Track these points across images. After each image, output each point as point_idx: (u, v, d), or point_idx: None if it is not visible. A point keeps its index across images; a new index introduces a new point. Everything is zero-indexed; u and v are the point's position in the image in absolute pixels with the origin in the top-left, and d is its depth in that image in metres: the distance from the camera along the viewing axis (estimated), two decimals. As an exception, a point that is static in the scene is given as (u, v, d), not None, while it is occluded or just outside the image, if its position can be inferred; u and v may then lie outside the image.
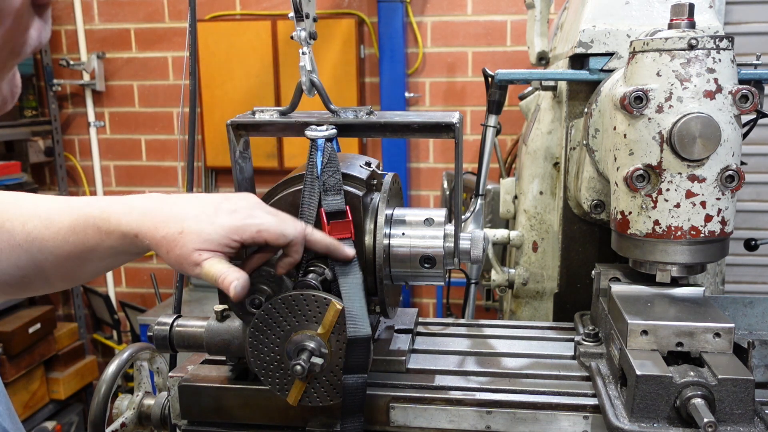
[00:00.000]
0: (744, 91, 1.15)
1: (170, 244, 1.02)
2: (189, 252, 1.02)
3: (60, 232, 1.03)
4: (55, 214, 1.04)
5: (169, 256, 1.03)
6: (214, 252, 1.03)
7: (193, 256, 1.02)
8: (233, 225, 1.03)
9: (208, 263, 1.02)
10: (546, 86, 1.85)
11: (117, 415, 1.28)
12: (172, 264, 1.04)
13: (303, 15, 1.16)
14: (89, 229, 1.04)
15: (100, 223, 1.04)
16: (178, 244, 1.02)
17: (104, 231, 1.03)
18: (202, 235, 1.02)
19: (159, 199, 1.07)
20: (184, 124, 4.33)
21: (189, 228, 1.02)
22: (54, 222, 1.04)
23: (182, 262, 1.02)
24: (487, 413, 1.17)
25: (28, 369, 4.04)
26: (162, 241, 1.02)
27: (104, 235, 1.03)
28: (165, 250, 1.03)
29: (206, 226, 1.02)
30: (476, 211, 1.87)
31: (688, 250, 1.21)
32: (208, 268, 1.02)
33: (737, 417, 1.03)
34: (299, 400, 1.10)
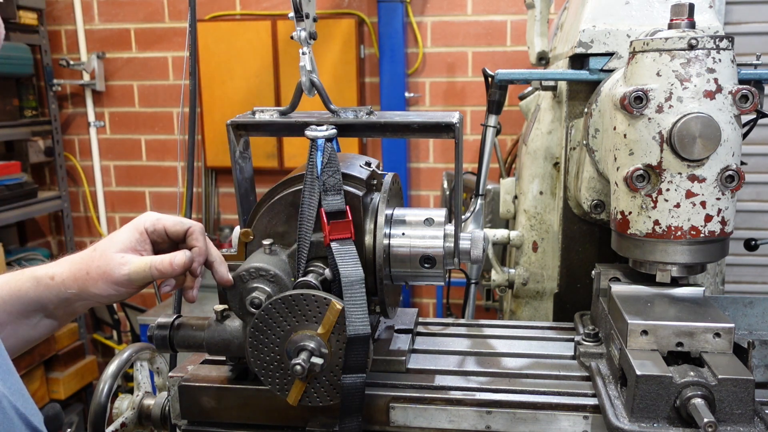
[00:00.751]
0: (744, 91, 1.15)
1: (87, 263, 1.06)
2: (110, 258, 1.06)
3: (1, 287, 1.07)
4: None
5: (90, 276, 1.05)
6: (135, 251, 1.09)
7: (116, 258, 1.06)
8: (135, 222, 1.11)
9: (136, 258, 1.07)
10: (546, 86, 1.85)
11: (117, 415, 1.28)
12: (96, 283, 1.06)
13: (303, 15, 1.16)
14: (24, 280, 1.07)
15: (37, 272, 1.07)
16: (94, 257, 1.06)
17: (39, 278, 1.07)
18: (113, 240, 1.08)
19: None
20: (184, 124, 4.33)
21: (100, 244, 1.09)
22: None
23: (107, 271, 1.05)
24: (487, 413, 1.17)
25: (28, 369, 4.04)
26: (79, 265, 1.06)
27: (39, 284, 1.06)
28: (85, 272, 1.05)
29: (115, 236, 1.09)
30: (476, 211, 1.87)
31: (688, 250, 1.21)
32: (137, 260, 1.07)
33: (737, 417, 1.03)
34: (299, 400, 1.10)
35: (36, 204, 4.28)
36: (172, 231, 1.12)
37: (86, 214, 4.78)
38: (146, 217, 1.12)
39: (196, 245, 1.13)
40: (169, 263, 1.07)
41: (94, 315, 4.88)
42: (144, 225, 1.10)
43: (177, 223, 1.12)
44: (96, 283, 1.06)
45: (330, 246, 1.12)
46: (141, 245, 1.10)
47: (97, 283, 1.05)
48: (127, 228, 1.11)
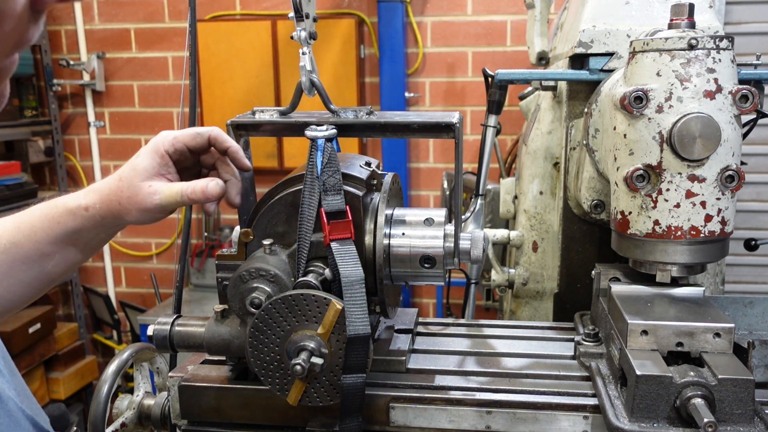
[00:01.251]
0: (744, 91, 1.15)
1: (117, 194, 1.07)
2: (137, 188, 1.07)
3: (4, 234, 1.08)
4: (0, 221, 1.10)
5: (122, 206, 1.07)
6: (161, 176, 1.09)
7: (144, 188, 1.07)
8: (151, 145, 1.10)
9: (165, 186, 1.08)
10: (546, 86, 1.85)
11: (117, 415, 1.28)
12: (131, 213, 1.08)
13: (303, 15, 1.16)
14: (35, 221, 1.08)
15: (47, 210, 1.08)
16: (122, 188, 1.07)
17: (52, 216, 1.08)
18: (137, 169, 1.08)
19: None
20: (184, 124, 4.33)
21: (123, 172, 1.09)
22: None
23: (138, 201, 1.07)
24: (487, 413, 1.17)
25: (28, 369, 4.04)
26: (109, 196, 1.08)
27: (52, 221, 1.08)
28: (117, 202, 1.07)
29: (136, 162, 1.09)
30: (476, 211, 1.87)
31: (688, 250, 1.21)
32: (167, 189, 1.08)
33: (737, 417, 1.03)
34: (299, 400, 1.10)
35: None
36: (192, 145, 1.12)
37: (86, 214, 4.78)
38: (162, 138, 1.10)
39: (229, 146, 1.13)
40: (201, 192, 1.09)
41: (94, 315, 4.88)
42: (163, 147, 1.09)
43: (195, 136, 1.11)
44: (129, 212, 1.08)
45: (330, 246, 1.12)
46: (164, 169, 1.09)
47: (131, 212, 1.08)
48: (147, 153, 1.09)
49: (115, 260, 4.84)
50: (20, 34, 0.63)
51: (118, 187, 1.07)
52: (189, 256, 4.50)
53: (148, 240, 4.76)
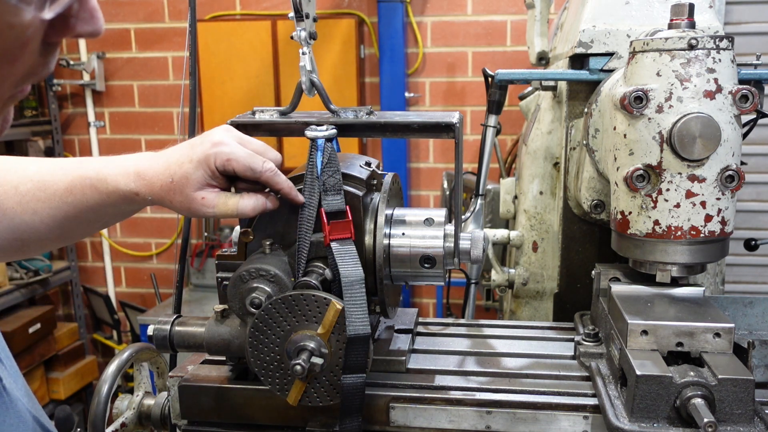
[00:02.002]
0: (744, 91, 1.15)
1: (169, 194, 1.08)
2: (190, 197, 1.08)
3: (56, 195, 1.07)
4: (48, 176, 1.08)
5: (174, 205, 1.09)
6: (210, 187, 1.09)
7: (197, 199, 1.08)
8: (204, 154, 1.08)
9: (220, 201, 1.09)
10: (546, 86, 1.85)
11: (117, 415, 1.28)
12: (182, 211, 1.10)
13: (303, 15, 1.16)
14: (87, 190, 1.08)
15: (99, 184, 1.08)
16: (175, 191, 1.08)
17: (104, 192, 1.08)
18: (190, 179, 1.08)
19: (150, 156, 1.12)
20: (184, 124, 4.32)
21: (175, 175, 1.08)
22: (48, 185, 1.07)
23: (191, 208, 1.09)
24: (487, 413, 1.17)
25: (28, 369, 4.04)
26: (161, 192, 1.08)
27: (104, 196, 1.08)
28: (168, 201, 1.09)
29: (189, 170, 1.08)
30: (476, 211, 1.87)
31: (688, 250, 1.21)
32: (222, 205, 1.10)
33: (737, 417, 1.03)
34: (299, 400, 1.09)
35: (36, 204, 4.27)
36: (242, 176, 1.11)
37: (86, 214, 4.78)
38: (216, 153, 1.08)
39: (281, 187, 1.13)
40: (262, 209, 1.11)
41: (94, 315, 4.88)
42: (215, 163, 1.08)
43: (247, 169, 1.09)
44: (182, 211, 1.10)
45: (330, 246, 1.12)
46: (215, 180, 1.10)
47: (183, 212, 1.10)
48: (199, 163, 1.08)
49: (115, 260, 4.84)
50: (31, 66, 0.62)
51: (170, 188, 1.08)
52: (189, 256, 4.50)
53: (148, 240, 4.76)
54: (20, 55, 0.60)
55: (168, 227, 4.67)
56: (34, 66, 0.63)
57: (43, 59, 0.64)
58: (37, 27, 0.59)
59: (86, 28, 0.64)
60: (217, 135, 1.11)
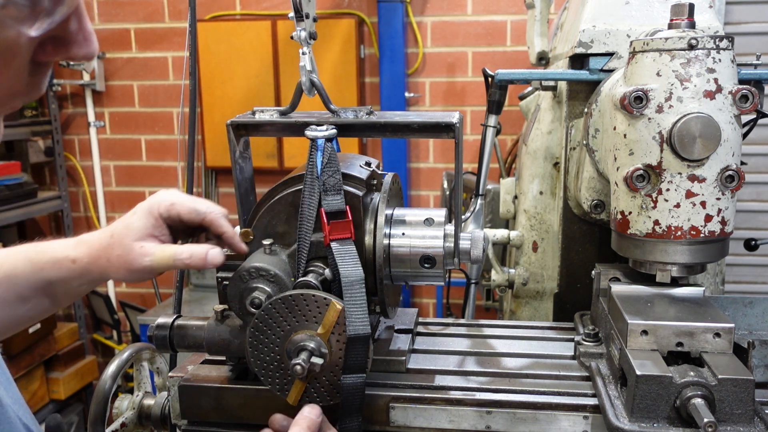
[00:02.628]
0: (744, 91, 1.15)
1: (107, 251, 1.05)
2: (129, 247, 1.05)
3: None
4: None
5: (111, 264, 1.05)
6: (153, 237, 1.07)
7: (136, 248, 1.05)
8: (147, 204, 1.08)
9: (158, 248, 1.06)
10: (546, 86, 1.85)
11: (117, 415, 1.28)
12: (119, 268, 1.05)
13: (303, 15, 1.16)
14: (19, 263, 1.05)
15: (35, 256, 1.06)
16: (113, 246, 1.05)
17: (37, 264, 1.05)
18: (130, 228, 1.06)
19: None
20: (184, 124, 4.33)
21: (116, 229, 1.06)
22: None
23: (128, 261, 1.04)
24: (487, 413, 1.17)
25: (28, 369, 4.04)
26: (99, 252, 1.05)
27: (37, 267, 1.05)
28: (106, 259, 1.05)
29: (130, 220, 1.07)
30: (476, 211, 1.87)
31: (688, 250, 1.21)
32: (160, 252, 1.06)
33: (737, 417, 1.03)
34: (299, 400, 1.10)
35: (36, 204, 4.28)
36: (187, 219, 1.10)
37: (86, 214, 4.78)
38: (161, 200, 1.08)
39: (224, 231, 1.12)
40: (200, 260, 1.07)
41: (94, 315, 4.88)
42: (159, 210, 1.08)
43: (192, 212, 1.09)
44: (117, 270, 1.06)
45: (330, 246, 1.12)
46: (158, 230, 1.08)
47: (119, 271, 1.06)
48: (142, 213, 1.08)
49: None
50: (18, 84, 0.61)
51: (109, 243, 1.05)
52: (189, 256, 4.49)
53: (148, 240, 4.76)
54: (3, 68, 0.58)
55: (168, 227, 4.66)
56: (22, 85, 0.61)
57: (32, 79, 0.62)
58: (24, 44, 0.58)
59: (79, 51, 0.63)
60: (162, 190, 1.11)
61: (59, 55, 0.62)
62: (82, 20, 0.63)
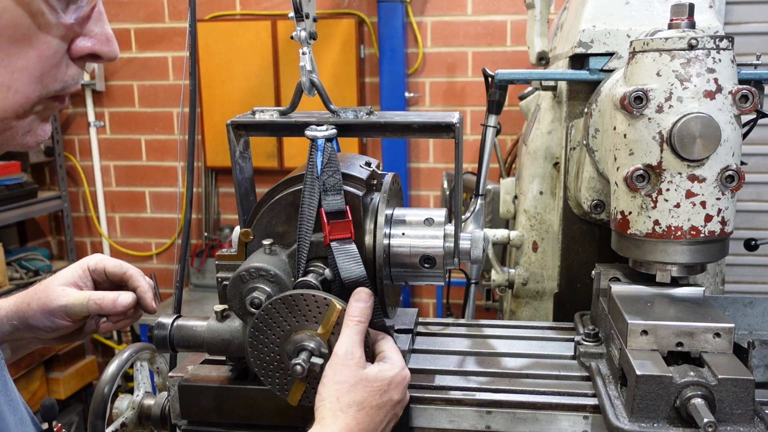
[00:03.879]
0: (744, 91, 1.15)
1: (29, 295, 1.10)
2: (51, 290, 1.11)
3: None
4: None
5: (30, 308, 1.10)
6: (77, 286, 1.15)
7: (56, 290, 1.11)
8: (80, 261, 1.19)
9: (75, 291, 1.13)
10: (546, 86, 1.85)
11: (117, 415, 1.28)
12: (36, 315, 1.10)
13: (303, 15, 1.16)
14: None
15: None
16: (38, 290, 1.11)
17: None
18: (58, 275, 1.15)
19: None
20: (184, 124, 4.33)
21: (44, 278, 1.14)
22: None
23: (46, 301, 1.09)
24: (487, 413, 1.17)
25: (28, 369, 4.04)
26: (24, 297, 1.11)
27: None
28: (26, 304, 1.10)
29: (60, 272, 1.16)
30: (476, 211, 1.87)
31: (688, 250, 1.21)
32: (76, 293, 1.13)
33: (737, 417, 1.03)
34: (299, 400, 1.10)
35: (36, 204, 4.28)
36: (111, 272, 1.19)
37: (86, 214, 4.78)
38: (92, 257, 1.20)
39: (139, 285, 1.20)
40: (111, 302, 1.13)
41: (94, 315, 4.87)
42: (87, 263, 1.18)
43: (117, 266, 1.19)
44: (35, 314, 1.10)
45: (330, 246, 1.12)
46: (83, 281, 1.16)
47: (36, 315, 1.10)
48: (73, 265, 1.18)
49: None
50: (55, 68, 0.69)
51: (34, 289, 1.12)
52: (189, 256, 4.50)
53: (148, 240, 4.76)
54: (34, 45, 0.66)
55: (168, 227, 4.67)
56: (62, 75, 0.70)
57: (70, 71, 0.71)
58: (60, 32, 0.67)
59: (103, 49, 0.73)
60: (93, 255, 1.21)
61: (86, 51, 0.71)
62: (103, 23, 0.73)
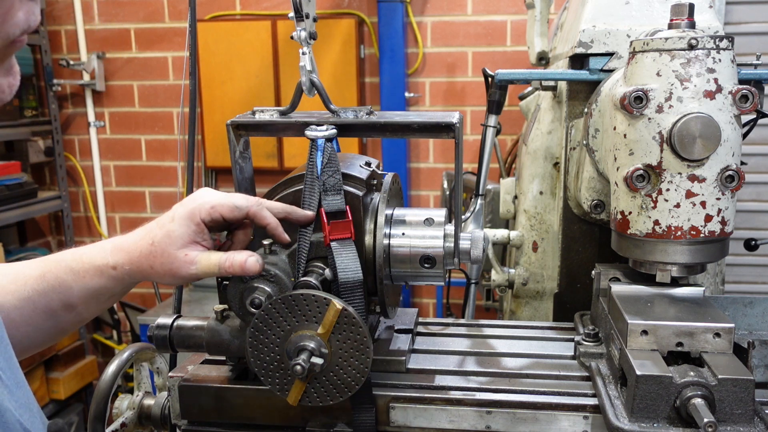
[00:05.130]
0: (744, 91, 1.15)
1: (149, 259, 1.05)
2: (173, 257, 1.05)
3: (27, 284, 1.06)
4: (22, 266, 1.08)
5: (154, 270, 1.06)
6: (196, 244, 1.06)
7: (180, 257, 1.05)
8: (187, 211, 1.06)
9: (203, 256, 1.06)
10: (546, 86, 1.85)
11: (117, 415, 1.28)
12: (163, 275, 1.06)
13: (303, 15, 1.16)
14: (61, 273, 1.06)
15: (74, 264, 1.07)
16: (156, 254, 1.05)
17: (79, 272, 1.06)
18: (172, 236, 1.05)
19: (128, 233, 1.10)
20: (184, 124, 4.33)
21: (156, 237, 1.06)
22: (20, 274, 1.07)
23: (172, 269, 1.05)
24: (487, 413, 1.17)
25: (28, 369, 4.04)
26: (140, 259, 1.05)
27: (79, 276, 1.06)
28: (149, 266, 1.05)
29: (170, 228, 1.06)
30: (476, 211, 1.87)
31: (688, 250, 1.21)
32: (205, 260, 1.06)
33: (737, 417, 1.03)
34: (299, 400, 1.10)
35: (36, 204, 4.28)
36: (229, 218, 1.09)
37: (86, 214, 4.78)
38: (201, 204, 1.07)
39: (267, 223, 1.11)
40: (240, 267, 1.06)
41: (94, 315, 4.87)
42: (200, 216, 1.06)
43: (234, 210, 1.08)
44: (162, 277, 1.06)
45: (330, 246, 1.12)
46: (200, 236, 1.07)
47: (164, 278, 1.06)
48: (182, 219, 1.06)
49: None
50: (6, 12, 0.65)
51: (150, 252, 1.05)
52: (189, 256, 4.49)
53: (148, 240, 4.76)
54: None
55: (168, 227, 4.66)
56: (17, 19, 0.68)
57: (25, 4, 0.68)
58: None
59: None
60: (197, 192, 1.10)
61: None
62: None
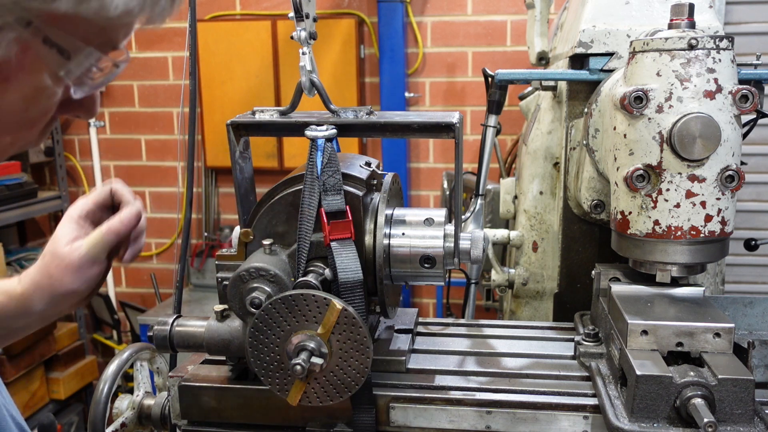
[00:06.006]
0: (744, 91, 1.15)
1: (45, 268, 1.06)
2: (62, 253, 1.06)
3: None
4: None
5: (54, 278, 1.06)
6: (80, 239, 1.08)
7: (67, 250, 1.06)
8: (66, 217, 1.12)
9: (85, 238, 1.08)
10: (546, 86, 1.85)
11: (117, 415, 1.28)
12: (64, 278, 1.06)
13: (303, 15, 1.16)
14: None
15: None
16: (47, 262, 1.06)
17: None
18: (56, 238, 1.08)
19: None
20: (184, 124, 4.33)
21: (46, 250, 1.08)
22: None
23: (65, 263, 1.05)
24: (487, 413, 1.17)
25: (28, 369, 4.04)
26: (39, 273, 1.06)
27: None
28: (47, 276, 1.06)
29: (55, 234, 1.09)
30: (476, 211, 1.87)
31: (688, 250, 1.21)
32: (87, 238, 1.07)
33: (737, 417, 1.03)
34: (299, 400, 1.10)
35: (36, 204, 4.28)
36: (101, 201, 1.13)
37: (86, 214, 4.78)
38: (73, 205, 1.13)
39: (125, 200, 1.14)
40: (118, 221, 1.08)
41: (94, 315, 4.87)
42: (76, 213, 1.11)
43: (100, 194, 1.14)
44: (62, 278, 1.05)
45: (330, 246, 1.12)
46: (82, 231, 1.09)
47: (64, 278, 1.05)
48: (63, 223, 1.11)
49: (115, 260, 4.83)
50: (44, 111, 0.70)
51: (43, 262, 1.07)
52: (189, 256, 4.50)
53: (148, 240, 4.76)
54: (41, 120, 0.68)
55: (168, 227, 4.67)
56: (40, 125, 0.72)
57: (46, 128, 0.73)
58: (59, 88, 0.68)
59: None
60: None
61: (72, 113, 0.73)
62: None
